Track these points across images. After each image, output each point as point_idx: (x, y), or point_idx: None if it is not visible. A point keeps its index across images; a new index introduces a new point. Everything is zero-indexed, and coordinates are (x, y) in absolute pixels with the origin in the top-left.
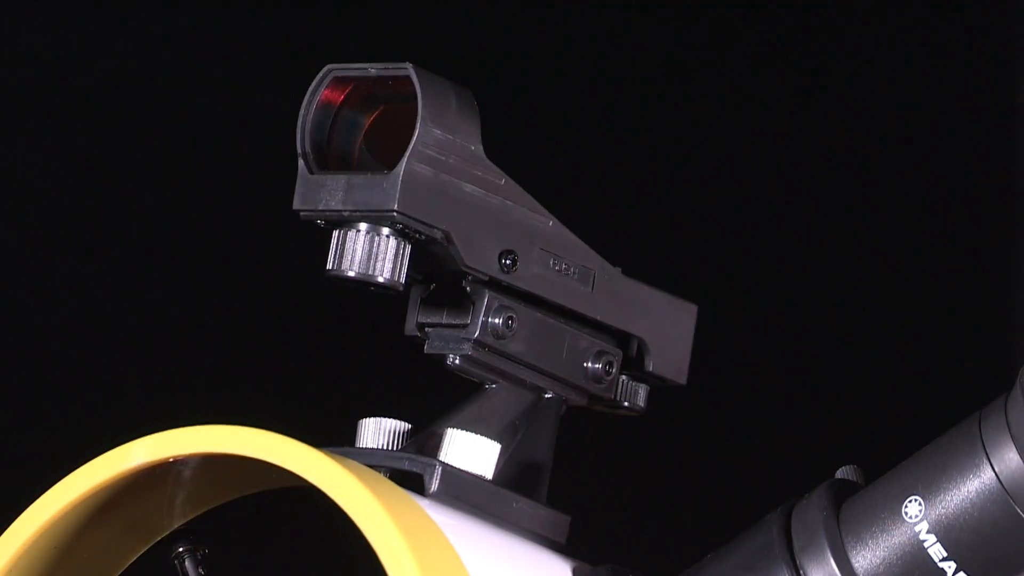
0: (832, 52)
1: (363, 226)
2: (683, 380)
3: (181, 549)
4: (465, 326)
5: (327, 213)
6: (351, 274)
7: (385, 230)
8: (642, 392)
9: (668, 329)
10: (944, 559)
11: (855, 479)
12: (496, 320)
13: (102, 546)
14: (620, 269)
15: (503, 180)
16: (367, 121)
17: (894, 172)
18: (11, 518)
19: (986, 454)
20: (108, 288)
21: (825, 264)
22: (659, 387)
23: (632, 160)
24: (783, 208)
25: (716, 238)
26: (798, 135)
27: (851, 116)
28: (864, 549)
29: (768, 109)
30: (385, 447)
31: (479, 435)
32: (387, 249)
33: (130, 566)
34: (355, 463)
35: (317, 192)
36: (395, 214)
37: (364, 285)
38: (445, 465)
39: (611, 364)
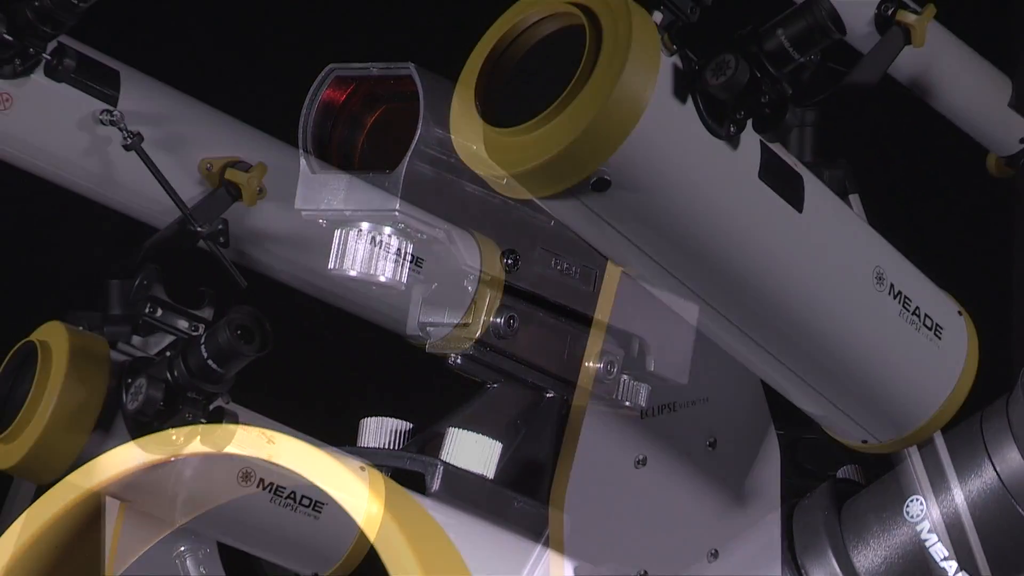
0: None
1: (365, 226)
2: (684, 380)
3: (182, 549)
4: (467, 325)
5: (329, 212)
6: (353, 273)
7: (387, 229)
8: (643, 392)
9: (669, 329)
10: (945, 558)
11: (856, 479)
12: (498, 320)
13: (102, 546)
14: (622, 269)
15: (505, 180)
16: (369, 120)
17: (895, 173)
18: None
19: (988, 454)
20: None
21: None
22: (660, 387)
23: None
24: None
25: None
26: None
27: (851, 117)
28: (866, 549)
29: None
30: (387, 446)
31: (480, 434)
32: (389, 249)
33: (130, 566)
34: (356, 462)
35: (319, 191)
36: (396, 214)
37: (366, 285)
38: (447, 464)
39: (612, 364)
